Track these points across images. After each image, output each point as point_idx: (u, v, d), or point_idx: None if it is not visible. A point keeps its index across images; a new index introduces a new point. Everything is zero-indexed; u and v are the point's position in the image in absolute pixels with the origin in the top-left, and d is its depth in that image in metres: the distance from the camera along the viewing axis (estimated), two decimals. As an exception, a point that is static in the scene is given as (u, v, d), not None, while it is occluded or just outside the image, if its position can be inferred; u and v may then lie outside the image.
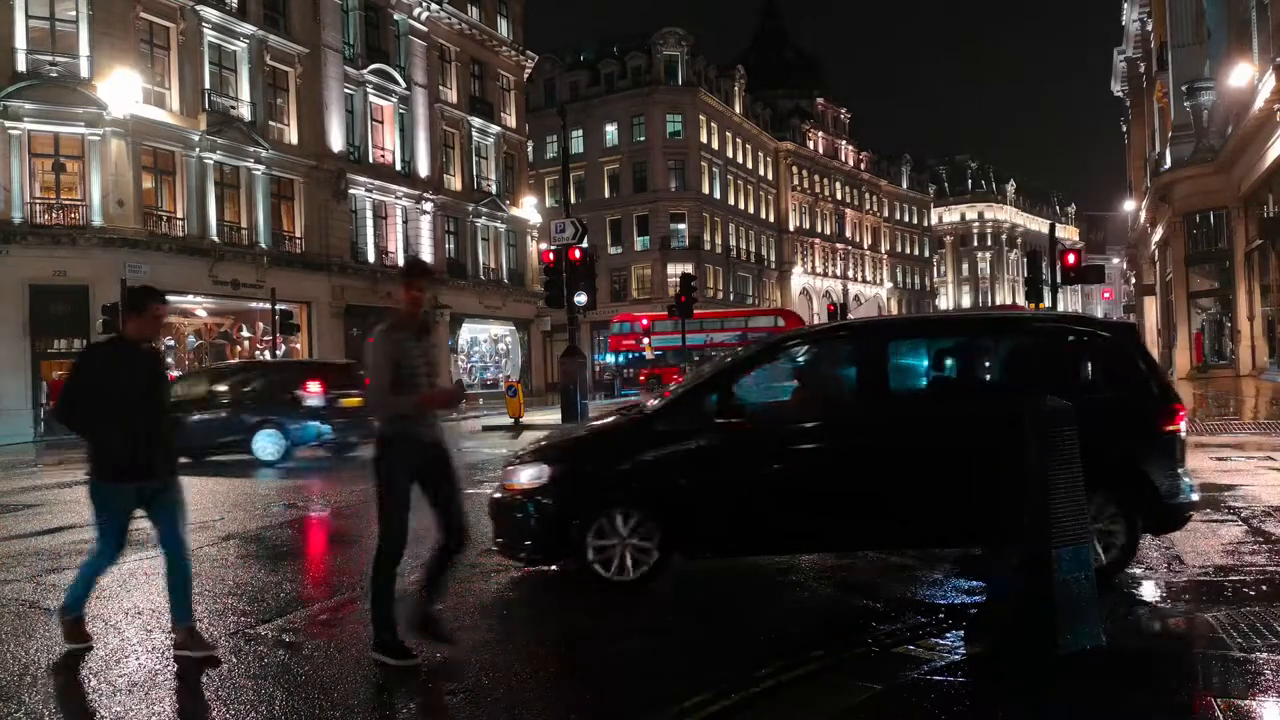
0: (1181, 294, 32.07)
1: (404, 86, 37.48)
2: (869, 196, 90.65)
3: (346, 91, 34.78)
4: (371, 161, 36.13)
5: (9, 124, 25.05)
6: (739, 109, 69.05)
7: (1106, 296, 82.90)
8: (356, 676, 4.56)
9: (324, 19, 33.59)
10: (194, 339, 31.35)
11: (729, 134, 67.19)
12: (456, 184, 41.31)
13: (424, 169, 38.64)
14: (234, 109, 30.39)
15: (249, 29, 30.75)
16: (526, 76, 48.53)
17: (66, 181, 26.52)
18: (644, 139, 61.89)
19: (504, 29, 45.43)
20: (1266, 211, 24.80)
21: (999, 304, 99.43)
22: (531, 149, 53.16)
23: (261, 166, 31.00)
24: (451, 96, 41.12)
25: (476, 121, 42.50)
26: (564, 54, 64.76)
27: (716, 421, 5.98)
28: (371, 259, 35.79)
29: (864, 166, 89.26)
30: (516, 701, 4.20)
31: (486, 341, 44.58)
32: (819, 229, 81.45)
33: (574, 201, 34.41)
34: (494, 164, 44.01)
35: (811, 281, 79.17)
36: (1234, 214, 27.62)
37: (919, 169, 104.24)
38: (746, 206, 70.27)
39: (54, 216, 26.04)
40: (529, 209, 46.57)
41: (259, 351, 31.44)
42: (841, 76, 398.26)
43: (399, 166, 37.61)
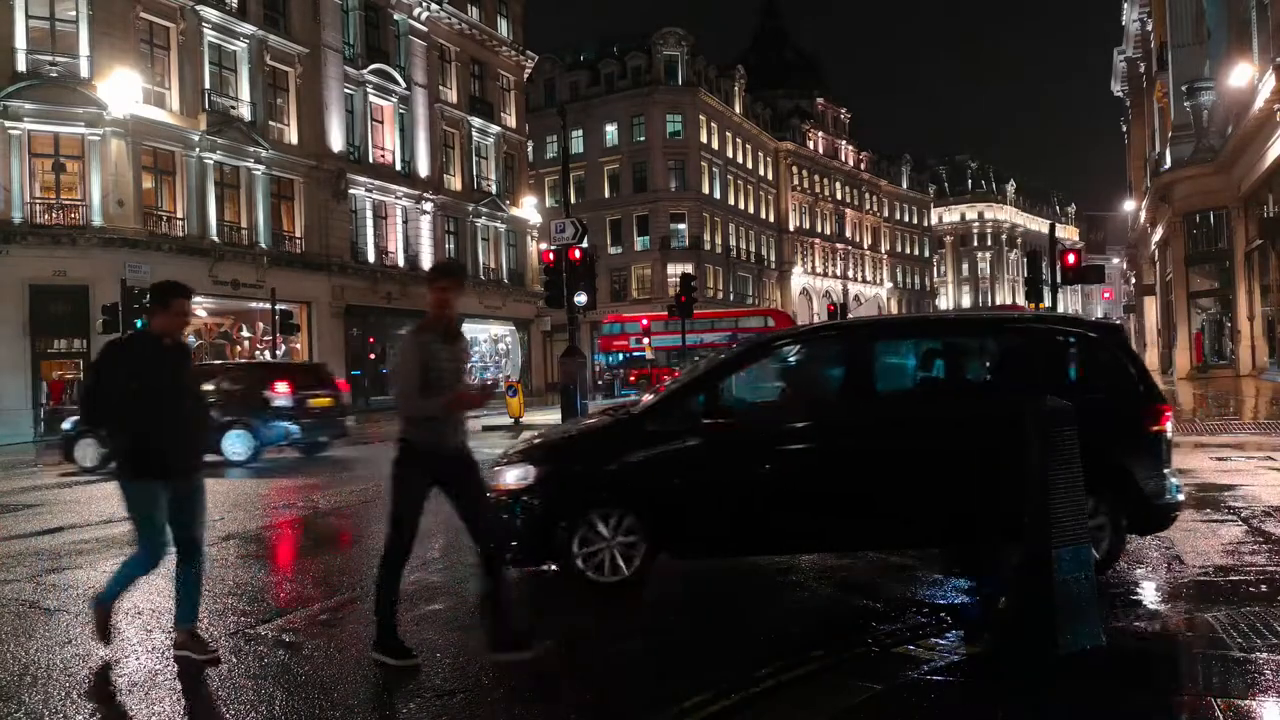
0: (1181, 294, 32.09)
1: (404, 86, 37.47)
2: (869, 196, 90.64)
3: (346, 91, 34.78)
4: (371, 161, 36.13)
5: (9, 124, 25.04)
6: (739, 109, 69.04)
7: (1106, 296, 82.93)
8: (356, 676, 4.56)
9: (324, 19, 33.59)
10: (194, 339, 31.34)
11: (729, 134, 67.18)
12: (456, 184, 41.30)
13: (424, 169, 38.63)
14: (234, 109, 30.38)
15: (249, 29, 30.75)
16: (526, 76, 48.51)
17: (66, 181, 26.50)
18: (644, 139, 61.89)
19: (504, 29, 45.43)
20: (1266, 211, 24.82)
21: (999, 304, 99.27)
22: (531, 149, 53.13)
23: (261, 166, 31.00)
24: (451, 96, 41.11)
25: (476, 121, 42.49)
26: (564, 54, 64.77)
27: (703, 422, 5.96)
28: (371, 259, 35.80)
29: (864, 166, 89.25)
30: (517, 701, 4.21)
31: (486, 341, 44.53)
32: (819, 229, 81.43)
33: (574, 201, 34.42)
34: (494, 164, 44.00)
35: (811, 281, 79.16)
36: (1234, 214, 27.65)
37: (919, 169, 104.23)
38: (746, 206, 70.25)
39: (54, 216, 26.03)
40: (529, 209, 46.57)
41: (259, 352, 31.44)
42: (841, 76, 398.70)
43: (399, 166, 37.60)
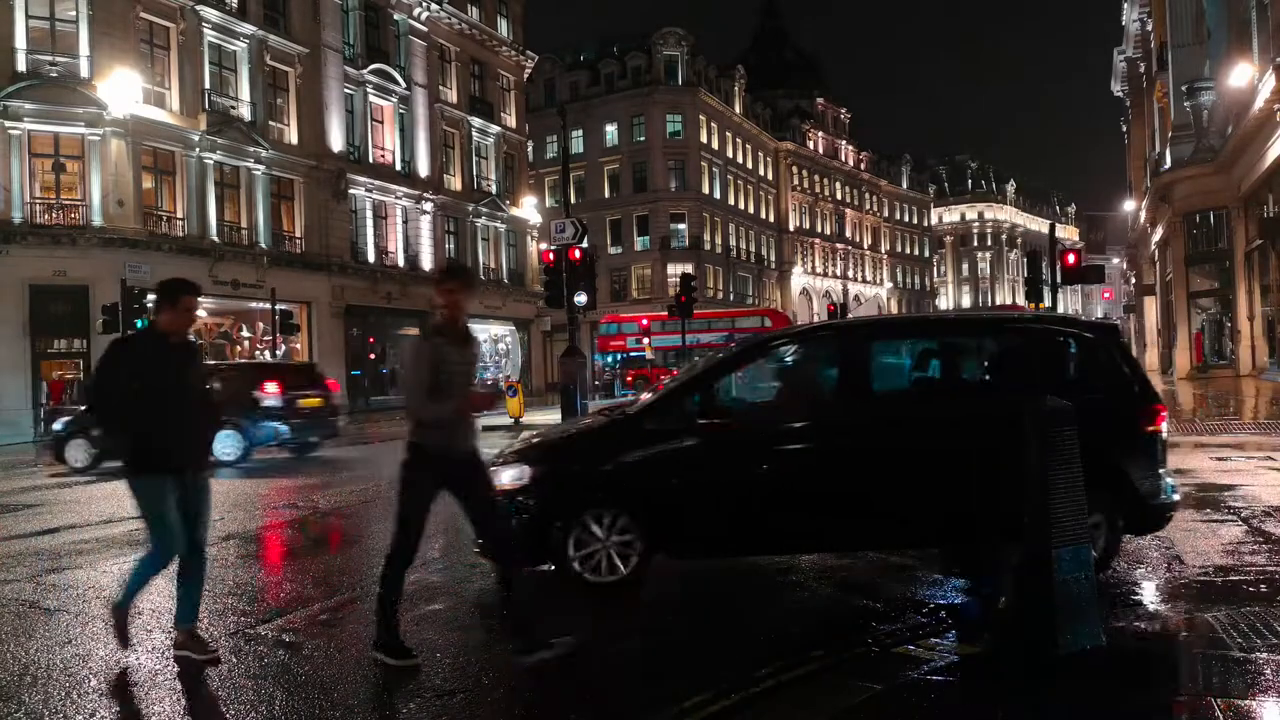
0: (1181, 294, 32.09)
1: (404, 86, 37.47)
2: (869, 196, 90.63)
3: (346, 91, 34.78)
4: (371, 161, 36.13)
5: (9, 124, 25.05)
6: (739, 109, 69.04)
7: (1106, 296, 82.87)
8: (356, 676, 4.55)
9: (324, 19, 33.60)
10: (194, 339, 31.31)
11: (729, 134, 67.18)
12: (456, 184, 41.30)
13: (424, 169, 38.63)
14: (234, 109, 30.39)
15: (249, 29, 30.76)
16: (526, 76, 48.52)
17: (66, 181, 26.51)
18: (644, 139, 61.90)
19: (504, 29, 45.43)
20: (1266, 211, 24.82)
21: (999, 304, 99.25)
22: (531, 149, 53.14)
23: (261, 166, 31.00)
24: (451, 96, 41.11)
25: (476, 121, 42.50)
26: (564, 54, 64.77)
27: (700, 422, 5.96)
28: (371, 259, 35.81)
29: (864, 166, 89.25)
30: (517, 701, 4.21)
31: (486, 341, 44.50)
32: (819, 229, 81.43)
33: (574, 201, 34.41)
34: (494, 164, 44.01)
35: (811, 281, 79.15)
36: (1234, 214, 27.65)
37: (919, 169, 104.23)
38: (746, 206, 70.25)
39: (54, 216, 26.04)
40: (529, 209, 46.57)
41: (259, 352, 31.44)
42: (841, 76, 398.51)
43: (399, 166, 37.61)
